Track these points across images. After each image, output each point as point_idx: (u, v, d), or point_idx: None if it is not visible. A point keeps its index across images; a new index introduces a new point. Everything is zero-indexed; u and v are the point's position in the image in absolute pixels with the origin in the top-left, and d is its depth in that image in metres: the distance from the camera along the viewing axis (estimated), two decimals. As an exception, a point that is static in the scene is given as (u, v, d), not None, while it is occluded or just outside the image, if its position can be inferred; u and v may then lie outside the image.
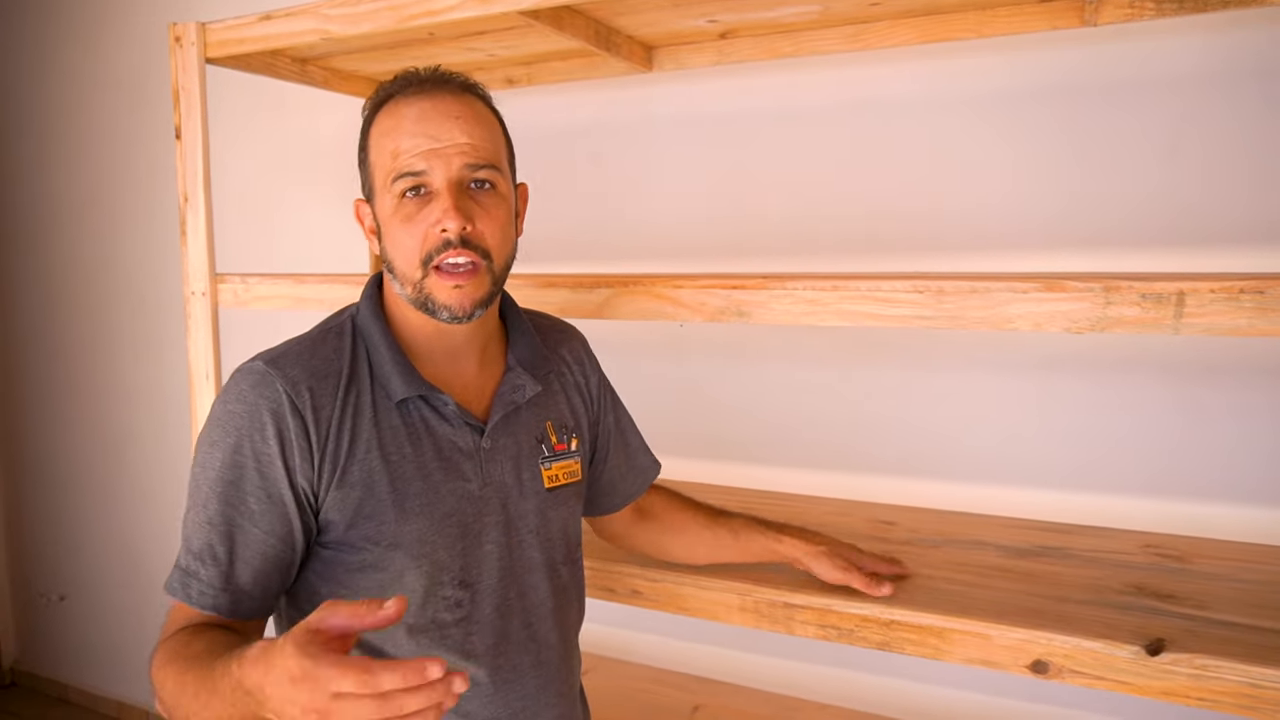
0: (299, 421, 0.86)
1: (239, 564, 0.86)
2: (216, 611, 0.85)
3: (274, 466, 0.86)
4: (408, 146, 0.87)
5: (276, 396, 0.86)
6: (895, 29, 1.37)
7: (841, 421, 1.62)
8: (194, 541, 0.86)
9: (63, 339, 2.72)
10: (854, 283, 1.03)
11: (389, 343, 0.93)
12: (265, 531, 0.86)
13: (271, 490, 0.86)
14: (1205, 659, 0.90)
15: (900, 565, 1.14)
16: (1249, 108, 1.29)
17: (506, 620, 0.96)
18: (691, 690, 1.66)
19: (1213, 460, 1.35)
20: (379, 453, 0.89)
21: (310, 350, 0.91)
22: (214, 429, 0.87)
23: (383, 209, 0.91)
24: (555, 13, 1.26)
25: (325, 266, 2.10)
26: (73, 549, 2.83)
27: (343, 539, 0.89)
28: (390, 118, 0.90)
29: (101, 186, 2.54)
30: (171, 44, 1.43)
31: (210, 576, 0.85)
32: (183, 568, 0.87)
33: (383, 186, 0.90)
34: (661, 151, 1.72)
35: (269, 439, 0.85)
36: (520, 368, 1.00)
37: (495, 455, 0.96)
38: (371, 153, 0.92)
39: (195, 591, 0.85)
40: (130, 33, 2.40)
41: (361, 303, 0.96)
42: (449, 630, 0.92)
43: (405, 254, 0.89)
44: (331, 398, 0.88)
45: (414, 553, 0.89)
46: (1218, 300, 0.87)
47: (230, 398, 0.88)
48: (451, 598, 0.92)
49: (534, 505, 0.99)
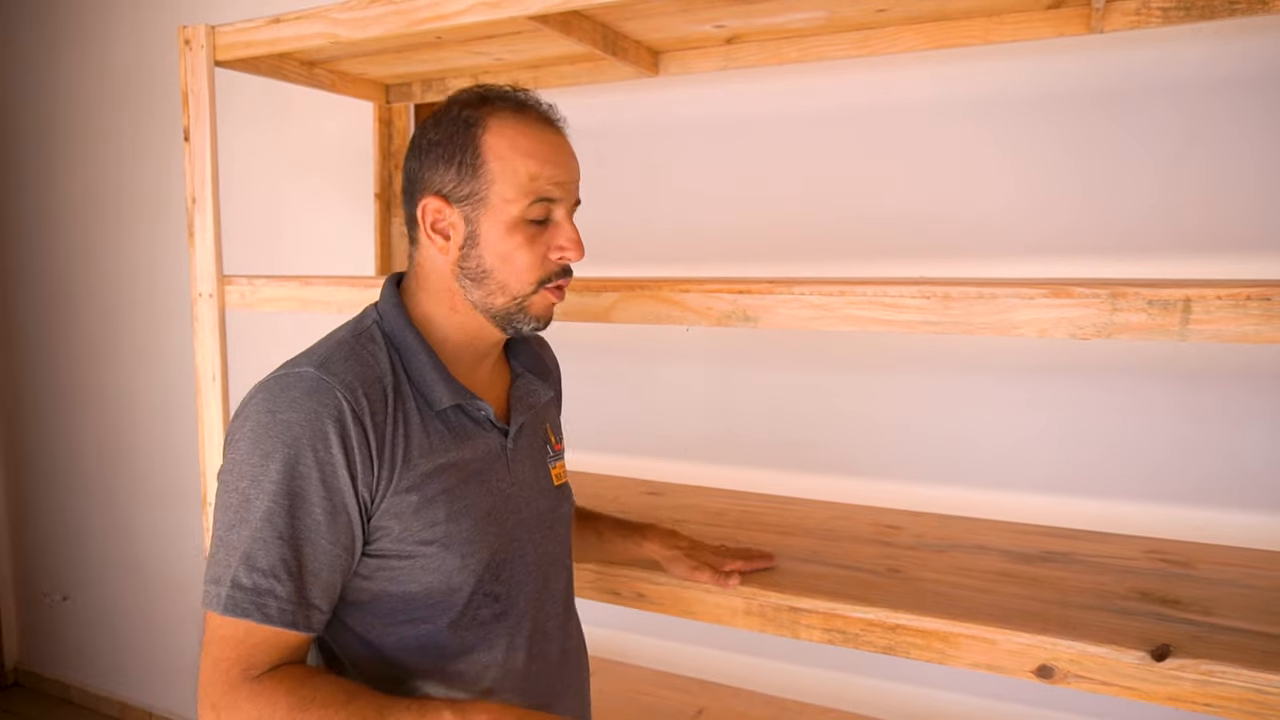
0: (360, 429, 0.85)
1: (309, 577, 0.84)
2: (294, 628, 0.83)
3: (338, 476, 0.84)
4: (549, 174, 0.91)
5: (336, 403, 0.85)
6: (902, 35, 1.37)
7: (847, 426, 1.62)
8: (260, 558, 0.82)
9: (68, 340, 2.73)
10: (860, 287, 1.03)
11: (428, 351, 0.94)
12: (331, 542, 0.85)
13: (336, 500, 0.84)
14: (1211, 665, 0.90)
15: (766, 559, 1.18)
16: (1256, 115, 1.29)
17: (537, 612, 1.00)
18: (694, 693, 1.66)
19: (1218, 466, 1.35)
20: (429, 456, 0.91)
21: (352, 355, 0.90)
22: (265, 439, 0.84)
23: (495, 222, 0.91)
24: (563, 17, 1.27)
25: (331, 269, 2.11)
26: (76, 549, 2.83)
27: (394, 544, 0.89)
28: (526, 139, 0.91)
29: (109, 188, 2.55)
30: (181, 47, 1.44)
31: (288, 593, 0.82)
32: (249, 587, 0.82)
33: (508, 200, 0.90)
34: (668, 156, 1.73)
35: (332, 447, 0.84)
36: (529, 373, 1.06)
37: (518, 456, 1.01)
38: (493, 163, 0.90)
39: (275, 610, 0.82)
40: (139, 35, 2.41)
41: (386, 309, 0.96)
42: (489, 626, 0.95)
43: (518, 270, 0.92)
44: (382, 404, 0.88)
45: (462, 552, 0.91)
46: (1224, 307, 0.87)
47: (282, 405, 0.85)
48: (492, 593, 0.95)
49: (549, 503, 1.04)
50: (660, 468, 1.75)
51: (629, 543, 1.18)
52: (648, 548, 1.17)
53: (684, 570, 1.14)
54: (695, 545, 1.17)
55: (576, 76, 1.65)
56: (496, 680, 0.95)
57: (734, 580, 1.12)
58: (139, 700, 2.77)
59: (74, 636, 2.90)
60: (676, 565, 1.15)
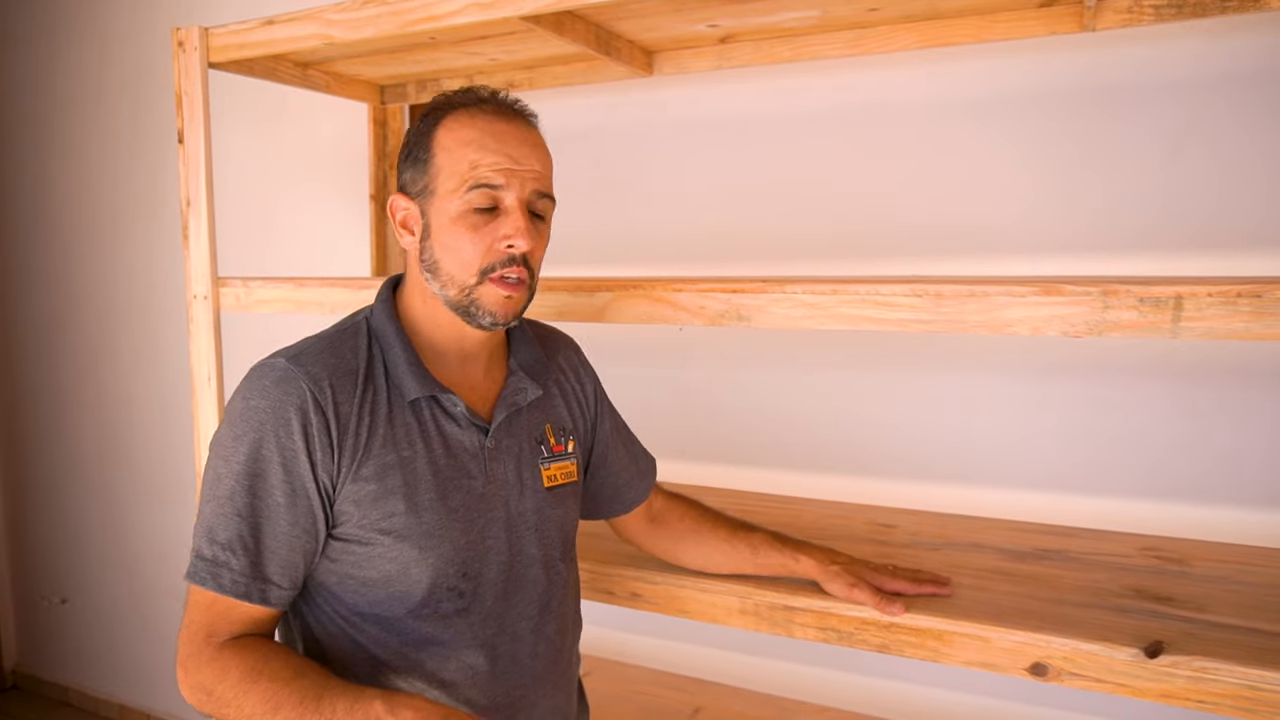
0: (321, 418, 0.90)
1: (266, 554, 0.89)
2: (247, 599, 0.89)
3: (298, 461, 0.89)
4: (489, 161, 0.92)
5: (300, 393, 0.90)
6: (894, 34, 1.38)
7: (841, 425, 1.62)
8: (220, 532, 0.89)
9: (64, 342, 2.73)
10: (853, 286, 1.03)
11: (404, 344, 0.96)
12: (290, 523, 0.90)
13: (296, 484, 0.89)
14: (1204, 661, 0.90)
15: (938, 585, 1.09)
16: (1249, 113, 1.30)
17: (505, 612, 0.99)
18: (691, 692, 1.66)
19: (1211, 463, 1.35)
20: (393, 448, 0.93)
21: (329, 349, 0.95)
22: (237, 424, 0.90)
23: (442, 212, 0.93)
24: (556, 18, 1.27)
25: (326, 270, 2.11)
26: (74, 552, 2.83)
27: (355, 530, 0.92)
28: (469, 129, 0.93)
29: (104, 190, 2.55)
30: (175, 49, 1.44)
31: (241, 566, 0.88)
32: (209, 558, 0.89)
33: (450, 191, 0.92)
34: (662, 155, 1.73)
35: (294, 434, 0.89)
36: (522, 372, 1.05)
37: (499, 454, 1.00)
38: (439, 155, 0.93)
39: (227, 580, 0.88)
40: (133, 38, 2.41)
41: (377, 305, 1.00)
42: (451, 620, 0.95)
43: (463, 260, 0.93)
44: (350, 394, 0.92)
45: (421, 545, 0.93)
46: (1215, 304, 0.87)
47: (253, 393, 0.91)
48: (455, 588, 0.95)
49: (534, 504, 1.03)
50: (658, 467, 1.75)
51: (785, 557, 1.13)
52: (804, 564, 1.11)
53: (841, 588, 1.07)
54: (854, 561, 1.12)
55: (571, 77, 1.65)
56: (457, 674, 0.96)
57: (898, 607, 1.03)
58: (137, 703, 2.77)
59: (72, 639, 2.90)
60: (834, 582, 1.08)
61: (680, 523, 1.21)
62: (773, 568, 1.14)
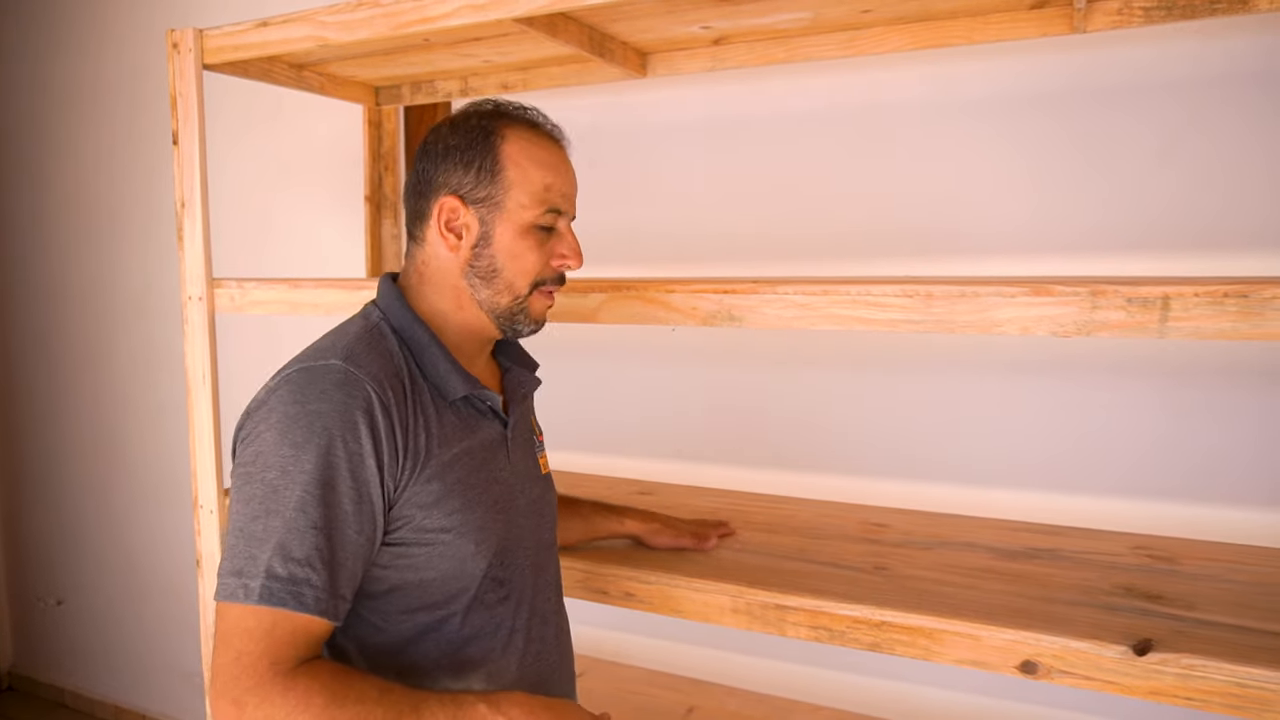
0: (388, 420, 0.88)
1: (338, 568, 0.85)
2: (327, 617, 0.84)
3: (366, 467, 0.86)
4: (560, 187, 0.99)
5: (366, 395, 0.87)
6: (887, 35, 1.38)
7: (833, 424, 1.63)
8: (294, 548, 0.83)
9: (60, 343, 2.73)
10: (844, 287, 1.04)
11: (439, 345, 0.98)
12: (357, 532, 0.86)
13: (363, 490, 0.86)
14: (1192, 659, 0.91)
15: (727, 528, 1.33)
16: (1238, 114, 1.30)
17: (535, 596, 1.04)
18: (685, 692, 1.66)
19: (1201, 462, 1.36)
20: (445, 446, 0.95)
21: (371, 349, 0.93)
22: (294, 430, 0.85)
23: (510, 224, 0.97)
24: (550, 19, 1.27)
25: (321, 271, 2.11)
26: (70, 553, 2.83)
27: (416, 531, 0.91)
28: (542, 151, 0.99)
29: (99, 192, 2.55)
30: (169, 50, 1.44)
31: (323, 582, 0.83)
32: (284, 577, 0.82)
33: (523, 206, 0.97)
34: (656, 157, 1.73)
35: (361, 439, 0.86)
36: (516, 366, 1.10)
37: (515, 445, 1.05)
38: (510, 171, 0.96)
39: (311, 599, 0.82)
40: (128, 39, 2.41)
41: (390, 305, 0.99)
42: (495, 609, 0.98)
43: (524, 269, 0.98)
44: (402, 396, 0.92)
45: (476, 539, 0.95)
46: (1202, 304, 0.88)
47: (311, 397, 0.86)
48: (498, 578, 0.98)
49: (540, 489, 1.09)
50: (650, 467, 1.75)
51: (611, 521, 1.28)
52: (629, 524, 1.27)
53: (668, 539, 1.26)
54: (670, 519, 1.30)
55: (565, 78, 1.66)
56: (499, 662, 0.98)
57: (713, 542, 1.27)
58: (134, 704, 2.77)
59: (68, 640, 2.90)
60: (659, 537, 1.27)
61: None
62: (602, 530, 1.29)
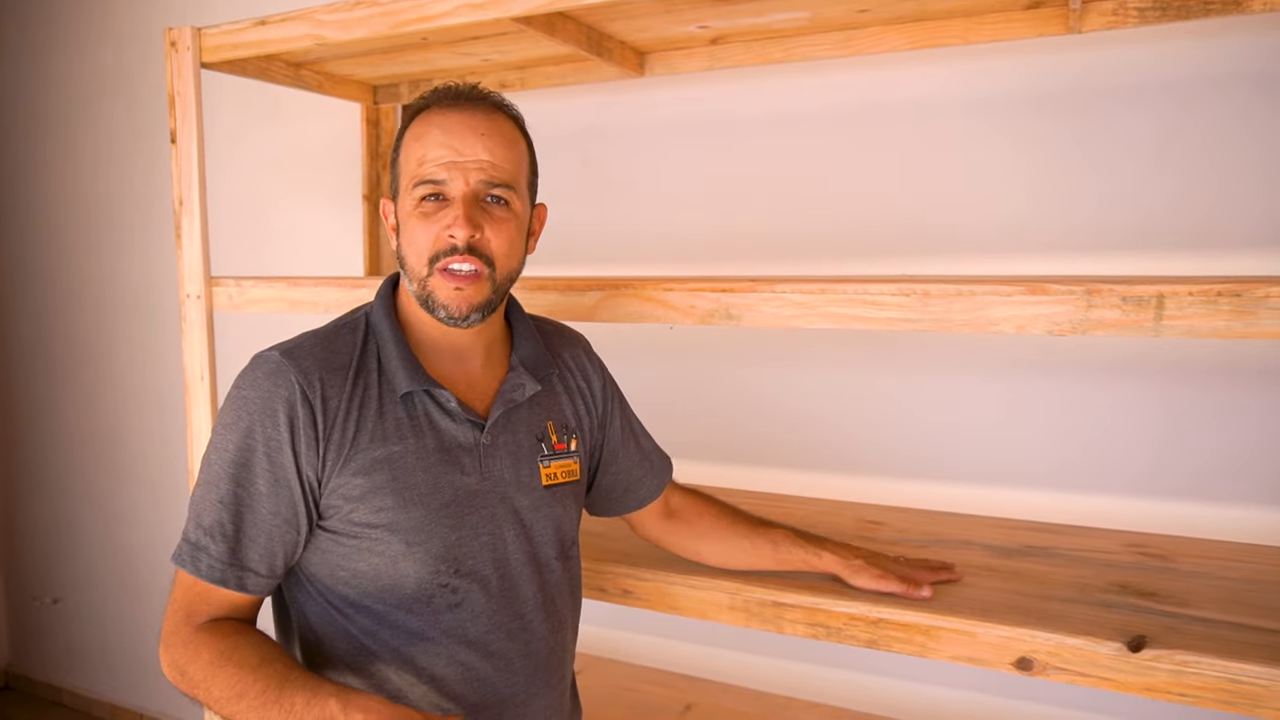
0: (308, 411, 0.92)
1: (245, 541, 0.92)
2: (223, 585, 0.91)
3: (282, 453, 0.91)
4: (433, 156, 0.94)
5: (290, 386, 0.92)
6: (884, 35, 1.39)
7: (830, 422, 1.63)
8: (204, 517, 0.92)
9: (58, 342, 2.72)
10: (841, 285, 1.05)
11: (397, 338, 0.98)
12: (271, 512, 0.92)
13: (279, 474, 0.91)
14: (1186, 655, 0.92)
15: (949, 571, 1.14)
16: (1233, 114, 1.31)
17: (498, 610, 0.99)
18: (683, 689, 1.67)
19: (1195, 460, 1.37)
20: (382, 443, 0.94)
21: (324, 343, 0.97)
22: (228, 412, 0.93)
23: (402, 208, 0.98)
24: (548, 19, 1.28)
25: (319, 270, 2.11)
26: (67, 552, 2.83)
27: (344, 523, 0.94)
28: (422, 126, 0.97)
29: (97, 191, 2.55)
30: (167, 49, 1.44)
31: (219, 552, 0.91)
32: (192, 541, 0.92)
33: (405, 188, 0.97)
34: (653, 155, 1.74)
35: (279, 426, 0.91)
36: (522, 368, 1.04)
37: (495, 451, 1.00)
38: (400, 155, 0.99)
39: (204, 565, 0.91)
40: (126, 38, 2.41)
41: (376, 302, 1.02)
42: (443, 615, 0.96)
43: (417, 251, 0.96)
44: (340, 389, 0.94)
45: (410, 540, 0.94)
46: (1196, 303, 0.88)
47: (245, 384, 0.94)
48: (447, 585, 0.96)
49: (530, 501, 1.02)
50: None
51: (807, 553, 1.15)
52: (827, 559, 1.14)
53: (869, 580, 1.10)
54: (875, 555, 1.15)
55: (563, 77, 1.66)
56: (448, 670, 0.96)
57: (926, 591, 1.08)
58: (130, 703, 2.77)
59: (65, 639, 2.90)
60: (859, 576, 1.11)
61: (700, 520, 1.21)
62: (795, 563, 1.15)
